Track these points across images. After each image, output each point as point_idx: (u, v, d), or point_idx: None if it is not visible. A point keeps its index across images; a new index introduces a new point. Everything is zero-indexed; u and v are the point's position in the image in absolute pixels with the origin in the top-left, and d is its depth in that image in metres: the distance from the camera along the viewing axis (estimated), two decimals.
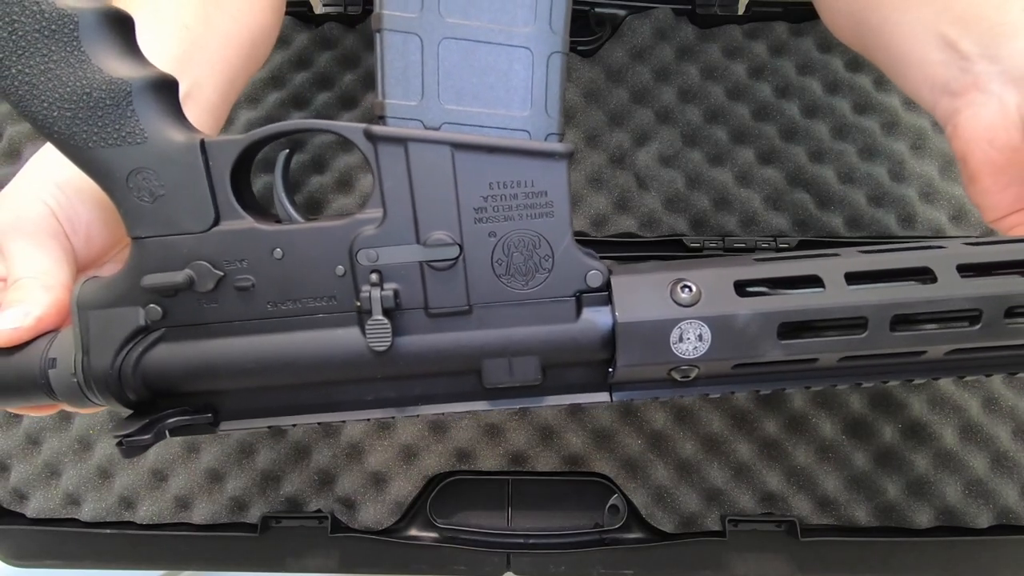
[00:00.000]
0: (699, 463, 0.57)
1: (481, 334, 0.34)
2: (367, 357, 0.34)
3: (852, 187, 0.62)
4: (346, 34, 0.69)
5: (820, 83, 0.66)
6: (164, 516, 0.57)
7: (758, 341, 0.32)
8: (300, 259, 0.33)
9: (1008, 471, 0.55)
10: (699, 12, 0.67)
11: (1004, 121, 0.37)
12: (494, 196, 0.33)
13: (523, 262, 0.33)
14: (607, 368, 0.35)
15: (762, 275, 0.33)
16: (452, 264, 0.33)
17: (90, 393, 0.34)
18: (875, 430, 0.57)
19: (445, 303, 0.34)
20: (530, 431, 0.58)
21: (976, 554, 0.54)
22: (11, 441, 0.59)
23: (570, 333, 0.34)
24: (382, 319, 0.33)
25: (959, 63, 0.39)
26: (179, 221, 0.33)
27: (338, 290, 0.34)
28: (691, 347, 0.32)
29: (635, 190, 0.63)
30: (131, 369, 0.34)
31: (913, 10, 0.41)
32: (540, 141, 0.33)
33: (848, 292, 0.32)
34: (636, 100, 0.66)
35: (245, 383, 0.35)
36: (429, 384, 0.35)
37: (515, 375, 0.34)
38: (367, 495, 0.57)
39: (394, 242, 0.33)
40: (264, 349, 0.34)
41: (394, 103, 0.32)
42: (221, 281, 0.34)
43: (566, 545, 0.56)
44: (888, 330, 0.32)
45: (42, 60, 0.31)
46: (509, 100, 0.32)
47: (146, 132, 0.33)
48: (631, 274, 0.34)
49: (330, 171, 0.64)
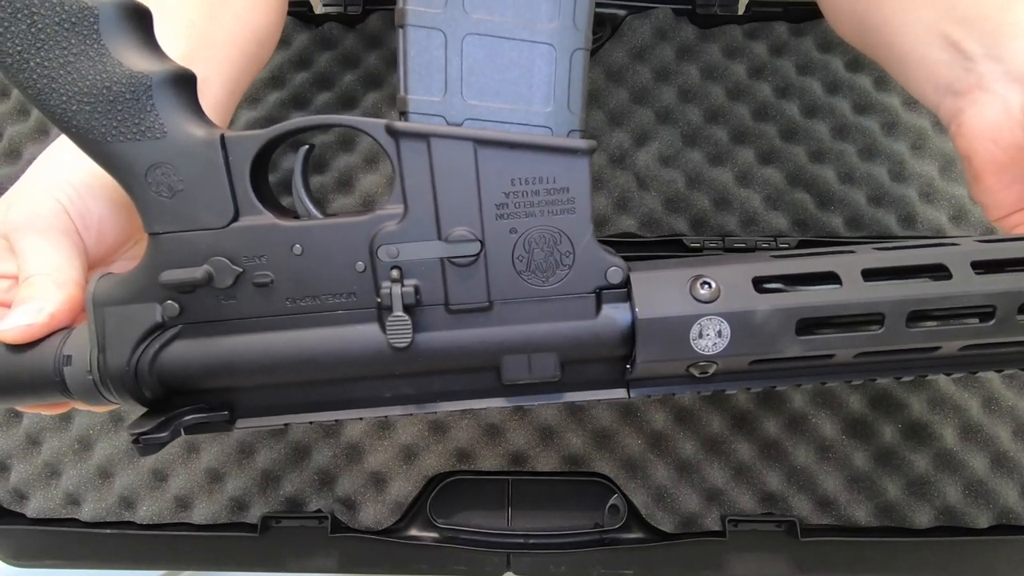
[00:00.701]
0: (699, 463, 0.57)
1: (501, 331, 0.34)
2: (387, 354, 0.34)
3: (852, 187, 0.62)
4: (346, 34, 0.69)
5: (820, 83, 0.66)
6: (164, 516, 0.57)
7: (776, 337, 0.32)
8: (320, 255, 0.33)
9: (1008, 471, 0.55)
10: (699, 12, 0.67)
11: (1008, 120, 0.38)
12: (516, 192, 0.33)
13: (544, 258, 0.33)
14: (625, 364, 0.35)
15: (780, 271, 0.33)
16: (473, 260, 0.33)
17: (105, 391, 0.34)
18: (875, 430, 0.57)
19: (466, 299, 0.34)
20: (530, 431, 0.58)
21: (976, 554, 0.54)
22: (11, 441, 0.59)
23: (590, 330, 0.34)
24: (403, 315, 0.33)
25: (963, 63, 0.39)
26: (198, 217, 0.33)
27: (358, 286, 0.34)
28: (710, 343, 0.32)
29: (635, 190, 0.63)
30: (147, 366, 0.34)
31: (916, 10, 0.42)
32: (562, 137, 0.33)
33: (865, 288, 0.32)
34: (636, 100, 0.66)
35: (263, 380, 0.35)
36: (448, 380, 0.35)
37: (534, 371, 0.34)
38: (367, 495, 0.57)
39: (415, 238, 0.33)
40: (283, 346, 0.34)
41: (417, 99, 0.32)
42: (240, 277, 0.33)
43: (566, 545, 0.56)
44: (904, 326, 0.32)
45: (62, 54, 0.31)
46: (531, 96, 0.32)
47: (166, 127, 0.32)
48: (650, 270, 0.34)
49: (330, 171, 0.64)
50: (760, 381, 0.35)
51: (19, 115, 0.67)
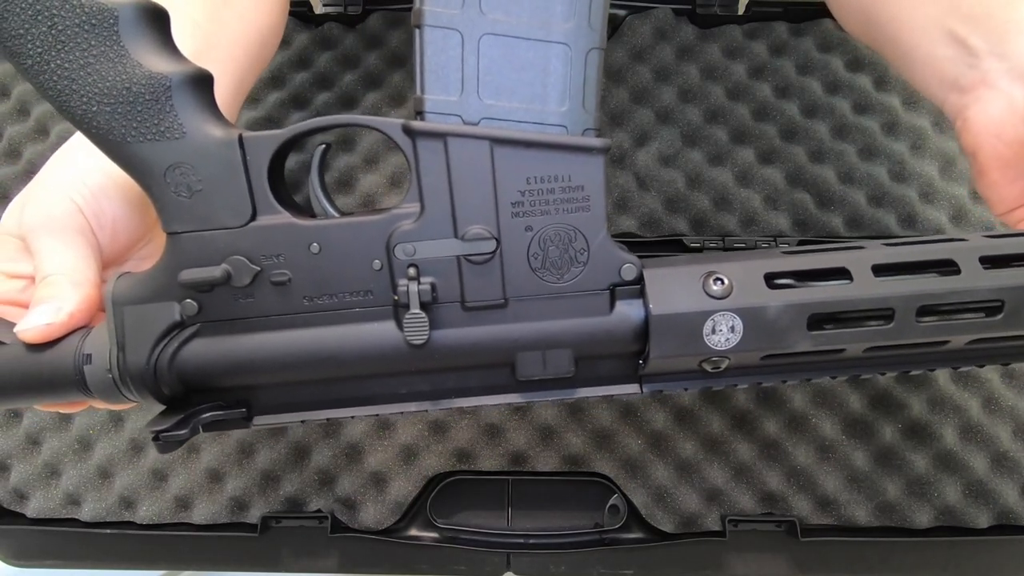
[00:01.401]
0: (699, 463, 0.57)
1: (516, 327, 0.34)
2: (403, 351, 0.34)
3: (852, 187, 0.62)
4: (346, 34, 0.69)
5: (820, 83, 0.66)
6: (164, 516, 0.57)
7: (788, 332, 0.33)
8: (337, 254, 0.34)
9: (1008, 471, 0.55)
10: (699, 12, 0.67)
11: (1012, 116, 0.38)
12: (531, 191, 0.33)
13: (559, 256, 0.34)
14: (638, 360, 0.35)
15: (791, 267, 0.33)
16: (489, 258, 0.33)
17: (125, 389, 0.34)
18: (875, 430, 0.57)
19: (481, 297, 0.34)
20: (530, 431, 0.58)
21: (976, 554, 0.54)
22: (11, 441, 0.59)
23: (604, 326, 0.34)
24: (419, 313, 0.33)
25: (967, 59, 0.40)
26: (216, 216, 0.33)
27: (375, 284, 0.34)
28: (723, 339, 0.33)
29: (635, 190, 0.63)
30: (167, 364, 0.34)
31: (922, 6, 0.42)
32: (577, 136, 0.33)
33: (876, 283, 0.32)
34: (636, 100, 0.66)
35: (280, 378, 0.35)
36: (463, 377, 0.36)
37: (549, 368, 0.35)
38: (367, 495, 0.57)
39: (431, 236, 0.33)
40: (300, 344, 0.34)
41: (433, 99, 0.32)
42: (258, 276, 0.34)
43: (566, 545, 0.56)
44: (914, 320, 0.32)
45: (82, 55, 0.31)
46: (547, 96, 0.33)
47: (184, 127, 0.33)
48: (663, 267, 0.34)
49: (330, 172, 0.64)
50: (771, 376, 0.36)
51: (19, 115, 0.67)
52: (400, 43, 0.68)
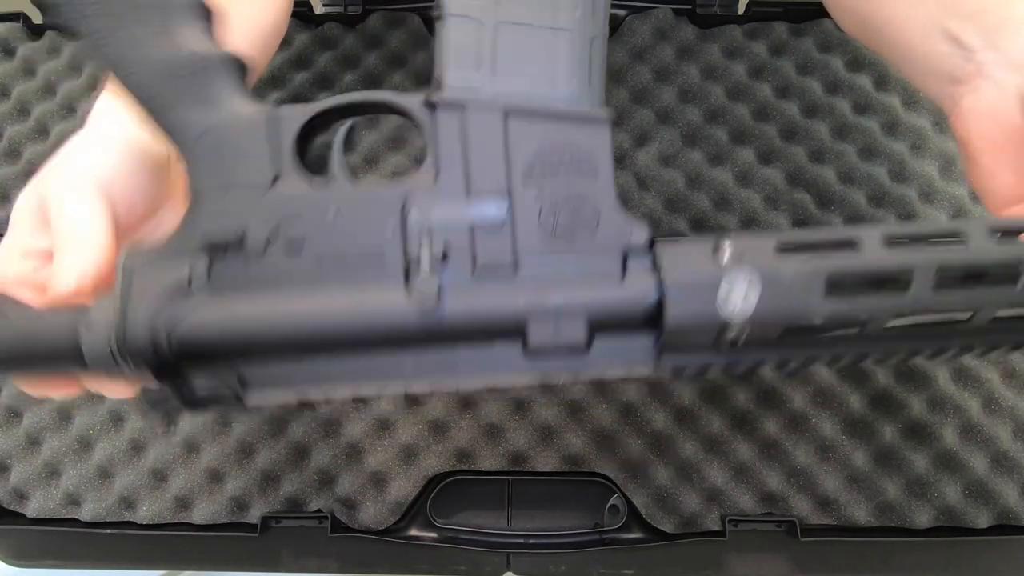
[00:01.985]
0: (699, 463, 0.57)
1: (527, 293, 0.34)
2: (412, 318, 0.34)
3: (852, 187, 0.62)
4: (346, 34, 0.69)
5: (820, 83, 0.66)
6: (164, 516, 0.57)
7: (806, 297, 0.32)
8: (352, 220, 0.35)
9: (1008, 471, 0.55)
10: (699, 12, 0.67)
11: (1004, 101, 0.38)
12: (542, 159, 0.35)
13: (569, 222, 0.34)
14: (653, 334, 0.35)
15: (801, 239, 0.34)
16: (501, 225, 0.34)
17: (122, 360, 0.34)
18: (875, 430, 0.57)
19: (493, 262, 0.34)
20: (530, 431, 0.58)
21: (976, 554, 0.55)
22: (11, 441, 0.59)
23: (616, 292, 0.34)
24: (430, 276, 0.33)
25: (963, 54, 0.40)
26: (240, 178, 0.35)
27: (387, 249, 0.35)
28: (739, 304, 0.32)
29: (635, 190, 0.63)
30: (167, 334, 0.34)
31: (918, 7, 0.42)
32: (584, 107, 0.36)
33: (888, 252, 0.33)
34: (636, 100, 0.66)
35: (285, 347, 0.35)
36: (471, 352, 0.35)
37: (561, 336, 0.34)
38: (367, 495, 0.57)
39: (445, 203, 0.34)
40: (308, 309, 0.34)
41: (453, 75, 0.36)
42: (273, 239, 0.35)
43: (566, 545, 0.56)
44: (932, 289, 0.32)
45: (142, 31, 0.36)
46: (555, 77, 0.36)
47: (221, 99, 0.36)
48: (673, 242, 0.35)
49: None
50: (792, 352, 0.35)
51: (19, 115, 0.67)
52: (400, 43, 0.68)
